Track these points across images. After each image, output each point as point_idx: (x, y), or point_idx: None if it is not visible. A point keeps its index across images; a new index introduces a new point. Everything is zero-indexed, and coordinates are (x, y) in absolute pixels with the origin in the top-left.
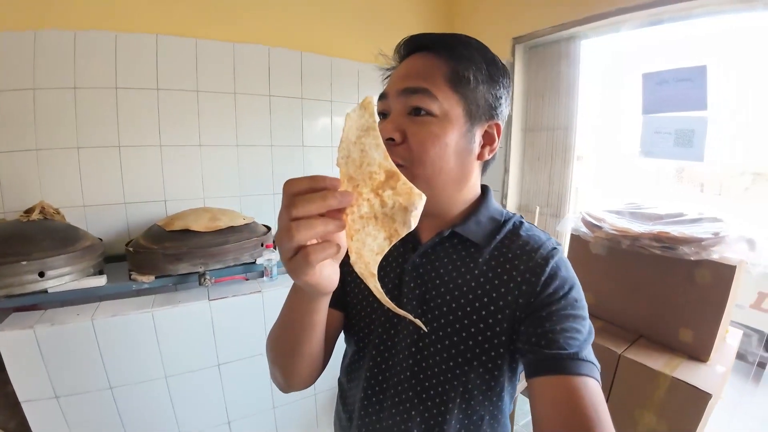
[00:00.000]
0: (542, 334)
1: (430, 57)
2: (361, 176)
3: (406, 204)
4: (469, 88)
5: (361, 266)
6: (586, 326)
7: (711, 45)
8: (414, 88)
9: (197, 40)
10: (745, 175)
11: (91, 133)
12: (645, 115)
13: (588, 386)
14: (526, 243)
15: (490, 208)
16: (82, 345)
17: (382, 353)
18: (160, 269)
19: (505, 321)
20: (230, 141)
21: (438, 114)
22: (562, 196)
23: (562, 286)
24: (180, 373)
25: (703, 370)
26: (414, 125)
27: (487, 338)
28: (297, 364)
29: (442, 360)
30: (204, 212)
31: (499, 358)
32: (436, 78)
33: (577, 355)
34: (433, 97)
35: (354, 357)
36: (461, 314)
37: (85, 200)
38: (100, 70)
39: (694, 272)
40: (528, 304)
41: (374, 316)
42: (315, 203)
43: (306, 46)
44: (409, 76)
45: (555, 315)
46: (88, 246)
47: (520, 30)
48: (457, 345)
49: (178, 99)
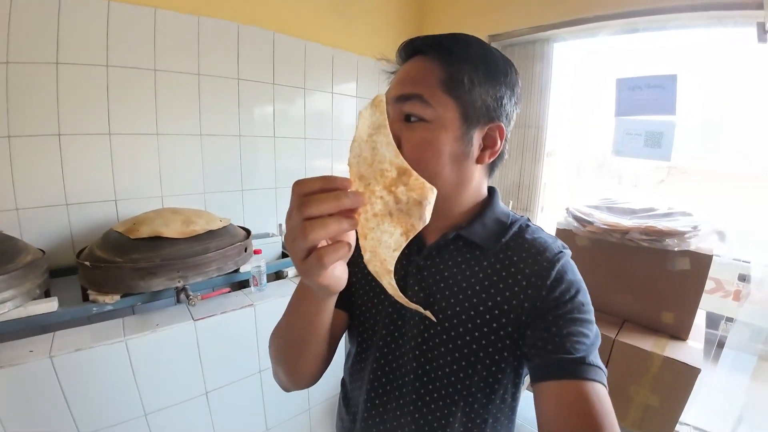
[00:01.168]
0: (548, 339)
1: (425, 61)
2: (372, 174)
3: (420, 198)
4: (465, 91)
5: (377, 264)
6: (593, 330)
7: (682, 55)
8: (407, 95)
9: (156, 9)
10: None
11: (25, 118)
12: (617, 117)
13: (595, 391)
14: (531, 246)
15: (496, 211)
16: (41, 389)
17: (386, 355)
18: (126, 286)
19: (509, 325)
20: (193, 130)
21: (430, 120)
22: (532, 191)
23: (568, 289)
24: (162, 408)
25: (686, 347)
26: (407, 131)
27: (491, 341)
28: (301, 363)
29: (446, 363)
30: (173, 214)
31: (503, 361)
32: (430, 82)
33: (584, 360)
34: (425, 102)
35: (357, 358)
36: (465, 317)
37: (18, 202)
38: (38, 40)
39: (676, 261)
40: (534, 307)
41: (379, 317)
42: (328, 203)
43: (279, 27)
44: (404, 82)
45: (561, 319)
46: (30, 261)
47: (497, 28)
48: (460, 347)
49: (131, 78)
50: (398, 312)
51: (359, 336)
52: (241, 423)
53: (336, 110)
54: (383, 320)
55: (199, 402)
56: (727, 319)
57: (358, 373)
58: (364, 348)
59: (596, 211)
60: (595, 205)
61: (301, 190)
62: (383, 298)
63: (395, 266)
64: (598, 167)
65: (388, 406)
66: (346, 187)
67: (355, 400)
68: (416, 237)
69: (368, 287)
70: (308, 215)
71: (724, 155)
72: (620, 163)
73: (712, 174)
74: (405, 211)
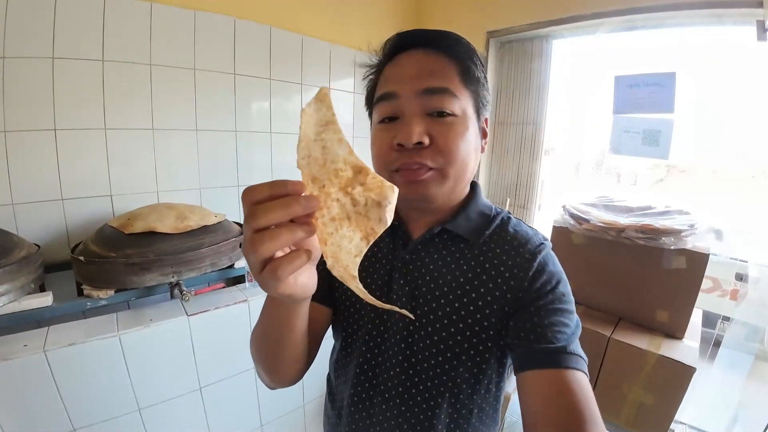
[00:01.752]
0: (531, 329)
1: (437, 55)
2: (326, 175)
3: (378, 199)
4: (477, 85)
5: (340, 270)
6: (573, 320)
7: (681, 53)
8: (436, 88)
9: (152, 3)
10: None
11: (21, 113)
12: (615, 115)
13: (576, 379)
14: (514, 238)
15: (479, 204)
16: (36, 383)
17: (372, 349)
18: (120, 282)
19: (493, 316)
20: (189, 125)
21: (458, 114)
22: (530, 188)
23: (549, 280)
24: (156, 403)
25: (681, 346)
26: (439, 126)
27: (475, 332)
28: (280, 365)
29: (431, 355)
30: (167, 209)
31: (487, 352)
32: (452, 77)
33: (566, 349)
34: (454, 96)
35: (342, 352)
36: (450, 309)
37: (14, 197)
38: (35, 36)
39: (672, 260)
40: (516, 298)
41: (363, 311)
42: (277, 212)
43: (276, 21)
44: (425, 75)
45: (543, 309)
46: (25, 256)
47: (495, 25)
48: (446, 340)
49: (127, 73)
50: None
51: (344, 331)
52: (236, 419)
53: (333, 106)
54: (368, 314)
55: (194, 397)
56: (723, 318)
57: (343, 368)
58: (349, 342)
59: (593, 209)
60: (592, 203)
61: (249, 199)
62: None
63: (381, 261)
64: (597, 166)
65: (374, 400)
66: (297, 192)
67: (341, 395)
68: (402, 231)
69: None
70: (257, 227)
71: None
72: (619, 162)
73: (711, 173)
74: (363, 213)
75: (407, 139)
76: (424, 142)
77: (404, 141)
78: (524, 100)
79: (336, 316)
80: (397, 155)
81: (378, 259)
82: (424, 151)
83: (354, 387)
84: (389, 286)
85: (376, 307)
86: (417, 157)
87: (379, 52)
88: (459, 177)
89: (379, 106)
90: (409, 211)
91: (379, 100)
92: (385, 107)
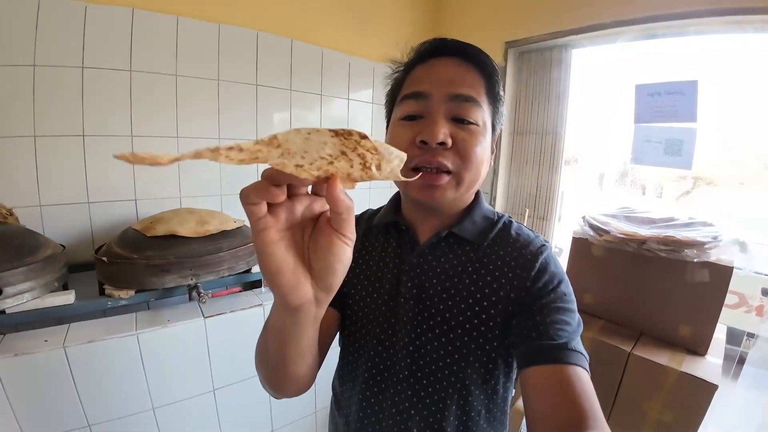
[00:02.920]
0: (533, 326)
1: (466, 66)
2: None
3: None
4: (497, 102)
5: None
6: (575, 318)
7: (702, 61)
8: (466, 96)
9: (178, 17)
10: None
11: (51, 119)
12: (637, 124)
13: (577, 374)
14: (516, 240)
15: (483, 208)
16: (54, 378)
17: (380, 353)
18: (140, 282)
19: (498, 315)
20: (212, 134)
21: (480, 124)
22: (549, 199)
23: (551, 280)
24: (170, 403)
25: (704, 363)
26: (462, 131)
27: (481, 333)
28: (285, 376)
29: (439, 357)
30: (188, 214)
31: (493, 352)
32: (479, 89)
33: (567, 345)
34: (480, 107)
35: (349, 358)
36: (457, 311)
37: (42, 199)
38: (65, 46)
39: (695, 273)
40: (519, 298)
41: (371, 316)
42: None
43: (297, 34)
44: (457, 82)
45: (545, 308)
46: (50, 255)
47: (514, 35)
48: (453, 341)
49: (153, 83)
50: (392, 310)
51: (351, 336)
52: (248, 422)
53: (352, 117)
54: (376, 319)
55: (207, 399)
56: (748, 335)
57: (350, 374)
58: (356, 347)
59: (613, 220)
60: (613, 214)
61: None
62: (376, 296)
63: (389, 265)
64: (621, 177)
65: (383, 404)
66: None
67: (347, 401)
68: (408, 236)
69: (360, 286)
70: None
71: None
72: (644, 174)
73: (739, 185)
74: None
75: (432, 137)
76: (447, 143)
77: (429, 139)
78: (543, 109)
79: (343, 322)
80: (419, 152)
81: (386, 263)
82: (446, 152)
83: (362, 392)
84: (397, 289)
85: (384, 310)
86: (438, 156)
87: (411, 52)
88: (472, 183)
89: (406, 103)
90: (416, 215)
91: (407, 98)
92: (412, 105)
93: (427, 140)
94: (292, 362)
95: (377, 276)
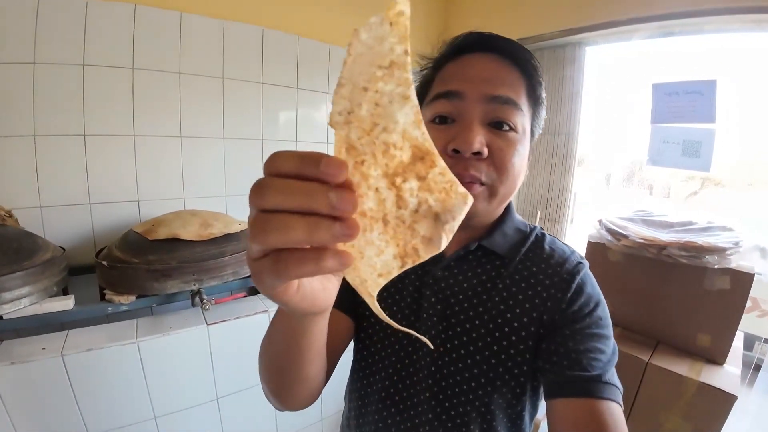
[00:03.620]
0: (565, 354)
1: (508, 64)
2: (369, 148)
3: (438, 209)
4: (538, 106)
5: (355, 278)
6: (610, 346)
7: (720, 60)
8: (506, 98)
9: (182, 13)
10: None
11: (52, 118)
12: (653, 125)
13: (610, 410)
14: (551, 256)
15: (515, 220)
16: (52, 386)
17: (400, 371)
18: (141, 288)
19: (530, 338)
20: (216, 133)
21: (519, 131)
22: (561, 201)
23: (587, 303)
24: (172, 412)
25: (722, 372)
26: (499, 139)
27: (511, 356)
28: (289, 388)
29: (463, 380)
30: (191, 216)
31: (522, 376)
32: (519, 90)
33: (601, 378)
34: (520, 111)
35: (363, 373)
36: (484, 331)
37: (43, 200)
38: (65, 42)
39: (715, 280)
40: (552, 321)
41: (389, 331)
42: (291, 197)
43: (303, 31)
44: (496, 81)
45: (579, 334)
46: (49, 259)
47: (526, 31)
48: (480, 364)
49: (156, 81)
50: (412, 325)
51: (366, 350)
52: (253, 430)
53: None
54: (395, 334)
55: (210, 408)
56: (764, 341)
57: (366, 390)
58: (373, 362)
59: (631, 224)
60: (630, 218)
61: (270, 168)
62: (396, 310)
63: (410, 276)
64: (628, 177)
65: (401, 426)
66: (332, 177)
67: (363, 419)
68: None
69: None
70: (262, 206)
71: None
72: (652, 174)
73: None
74: (408, 223)
75: (466, 146)
76: (483, 153)
77: (462, 148)
78: (556, 109)
79: (359, 332)
80: (451, 162)
81: (407, 274)
82: (480, 163)
83: (380, 412)
84: (419, 304)
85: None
86: (471, 168)
87: (442, 47)
88: (506, 196)
89: (437, 103)
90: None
91: (438, 98)
92: (444, 105)
93: (460, 149)
94: (300, 364)
95: (398, 288)
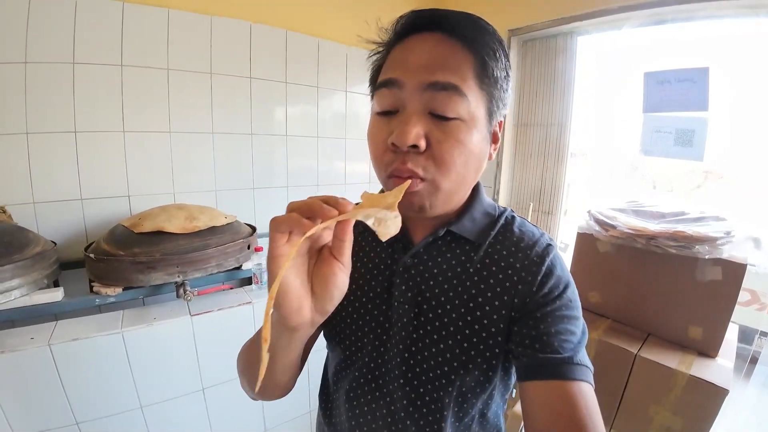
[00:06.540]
0: (536, 337)
1: (453, 44)
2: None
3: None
4: (493, 86)
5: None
6: (579, 326)
7: (713, 47)
8: (444, 83)
9: (170, 10)
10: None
11: (44, 116)
12: (645, 114)
13: (582, 391)
14: (520, 239)
15: (484, 203)
16: (40, 375)
17: (375, 359)
18: (127, 279)
19: (501, 321)
20: (205, 128)
21: (465, 118)
22: (555, 193)
23: (557, 285)
24: (158, 401)
25: (714, 365)
26: (439, 130)
27: (482, 339)
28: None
29: (437, 364)
30: (177, 210)
31: (494, 359)
32: (465, 72)
33: (572, 360)
34: (464, 96)
35: (339, 366)
36: (456, 315)
37: (35, 196)
38: (55, 41)
39: (706, 271)
40: (523, 303)
41: (361, 322)
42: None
43: (291, 25)
44: (434, 66)
45: (550, 316)
46: (40, 252)
47: (517, 22)
48: (452, 348)
49: (145, 77)
50: (384, 314)
51: (341, 343)
52: (239, 422)
53: (350, 109)
54: (368, 324)
55: (196, 398)
56: (761, 334)
57: (340, 383)
58: (347, 355)
59: (621, 215)
60: (621, 208)
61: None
62: (365, 301)
63: (380, 266)
64: (631, 171)
65: (377, 413)
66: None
67: (338, 410)
68: (402, 235)
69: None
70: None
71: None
72: (654, 167)
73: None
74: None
75: (401, 140)
76: (420, 146)
77: (398, 142)
78: (548, 100)
79: (332, 328)
80: (392, 157)
81: (376, 265)
82: (418, 157)
83: (354, 399)
84: (390, 292)
85: (377, 315)
86: (409, 162)
87: (390, 29)
88: (454, 190)
89: (380, 93)
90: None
91: (380, 87)
92: (386, 96)
93: (396, 143)
94: (278, 373)
95: (366, 279)
